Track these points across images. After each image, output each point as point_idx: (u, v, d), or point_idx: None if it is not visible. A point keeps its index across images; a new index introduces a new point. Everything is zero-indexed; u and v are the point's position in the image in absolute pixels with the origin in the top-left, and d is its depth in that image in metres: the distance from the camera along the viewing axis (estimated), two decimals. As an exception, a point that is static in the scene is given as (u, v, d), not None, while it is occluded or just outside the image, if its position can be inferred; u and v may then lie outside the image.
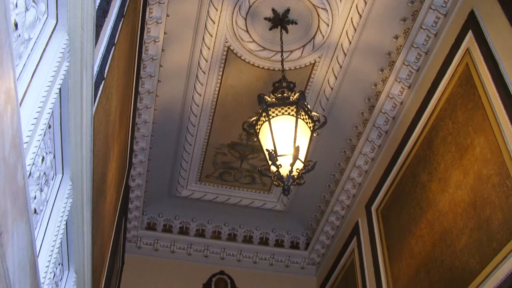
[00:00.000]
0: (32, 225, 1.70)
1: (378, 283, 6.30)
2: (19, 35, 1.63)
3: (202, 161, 7.98)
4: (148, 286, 8.45)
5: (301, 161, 5.07)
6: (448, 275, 4.84)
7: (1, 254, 1.37)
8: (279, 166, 4.96)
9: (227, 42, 6.40)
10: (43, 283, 2.21)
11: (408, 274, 5.65)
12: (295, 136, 5.12)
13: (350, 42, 6.28)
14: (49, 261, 2.28)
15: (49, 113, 1.94)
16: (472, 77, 4.84)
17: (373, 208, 6.76)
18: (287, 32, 6.16)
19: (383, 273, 6.26)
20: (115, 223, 5.99)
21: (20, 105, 1.66)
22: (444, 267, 4.94)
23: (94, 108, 2.84)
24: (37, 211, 2.15)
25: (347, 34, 6.22)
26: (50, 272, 2.37)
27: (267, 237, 9.08)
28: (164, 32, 6.14)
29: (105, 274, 5.51)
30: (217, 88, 6.93)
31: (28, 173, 1.83)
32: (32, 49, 1.85)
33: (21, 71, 1.71)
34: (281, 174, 4.94)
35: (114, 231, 5.93)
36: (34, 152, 1.86)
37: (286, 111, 5.27)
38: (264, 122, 5.35)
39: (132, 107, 6.06)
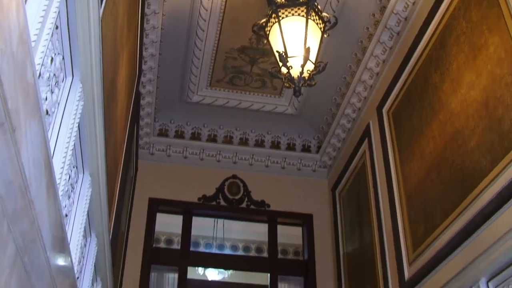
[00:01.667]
0: (45, 125, 1.70)
1: (389, 184, 6.37)
2: None
3: (212, 66, 7.93)
4: (162, 191, 8.61)
5: (312, 62, 5.03)
6: (459, 174, 4.88)
7: (16, 151, 1.38)
8: (290, 68, 4.92)
9: None
10: (59, 183, 2.24)
11: (419, 174, 5.70)
12: (306, 37, 5.05)
13: None
14: (63, 162, 2.31)
15: (55, 12, 1.91)
16: (487, -27, 4.70)
17: (384, 110, 6.74)
18: None
19: (394, 174, 6.32)
20: (127, 130, 6.03)
21: (26, 2, 1.63)
22: (455, 167, 4.97)
23: (101, 11, 2.79)
24: (49, 113, 2.15)
25: None
26: (65, 174, 2.41)
27: (278, 141, 9.14)
28: None
29: (120, 179, 5.60)
30: (226, -9, 6.79)
31: (38, 73, 1.82)
32: None
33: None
34: (292, 75, 4.91)
35: (126, 137, 5.98)
36: (43, 52, 1.84)
37: (296, 12, 5.17)
38: (273, 23, 5.27)
39: (140, 13, 5.97)
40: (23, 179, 1.50)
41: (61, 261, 2.19)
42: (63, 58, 2.32)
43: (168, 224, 9.26)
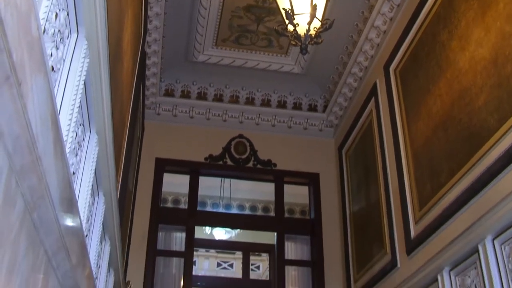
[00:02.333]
0: (50, 81, 1.69)
1: (396, 143, 6.36)
2: None
3: (218, 25, 7.86)
4: (168, 151, 8.63)
5: (319, 19, 4.98)
6: (465, 133, 4.86)
7: (22, 105, 1.37)
8: (296, 25, 4.87)
9: None
10: (66, 141, 2.24)
11: (425, 133, 5.68)
12: (312, -6, 4.98)
13: None
14: (70, 119, 2.30)
15: (59, -35, 1.88)
16: None
17: (391, 69, 6.69)
18: None
19: (401, 133, 6.30)
20: (133, 89, 6.01)
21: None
22: (462, 125, 4.95)
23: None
24: (54, 69, 2.14)
25: None
26: (72, 131, 2.40)
27: (285, 100, 9.12)
28: None
29: (126, 139, 5.60)
30: None
31: (42, 28, 1.81)
32: None
33: None
34: (299, 33, 4.87)
35: (132, 97, 5.96)
36: (47, 6, 1.82)
37: (303, -32, 5.09)
38: (280, -20, 5.20)
39: (145, -30, 5.90)
40: (30, 134, 1.50)
41: (69, 219, 2.20)
42: (67, 14, 2.29)
43: (175, 184, 9.31)
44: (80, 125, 2.82)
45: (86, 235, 3.21)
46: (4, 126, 1.40)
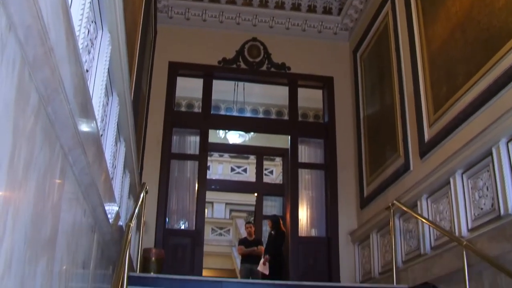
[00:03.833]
0: (60, -28, 1.64)
1: (412, 46, 6.26)
2: None
3: None
4: (181, 55, 8.57)
5: None
6: (484, 34, 4.76)
7: (31, -6, 1.34)
8: None
9: None
10: (78, 36, 2.20)
11: (442, 36, 5.58)
12: None
13: None
14: (81, 14, 2.26)
15: None
16: None
17: (409, -31, 6.49)
18: None
19: (417, 35, 6.19)
20: (145, -9, 5.89)
21: None
22: (481, 26, 4.84)
23: None
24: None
25: None
26: (84, 27, 2.36)
27: (299, 3, 8.93)
28: None
29: (139, 41, 5.54)
30: None
31: None
32: None
33: None
34: None
35: (144, 0, 5.85)
36: None
37: None
38: None
39: None
40: (42, 24, 1.47)
41: (84, 114, 2.20)
42: None
43: (189, 89, 9.30)
44: (92, 22, 2.77)
45: (101, 135, 3.23)
46: (15, 15, 1.37)
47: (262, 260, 8.78)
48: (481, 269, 4.28)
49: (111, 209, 3.54)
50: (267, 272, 8.63)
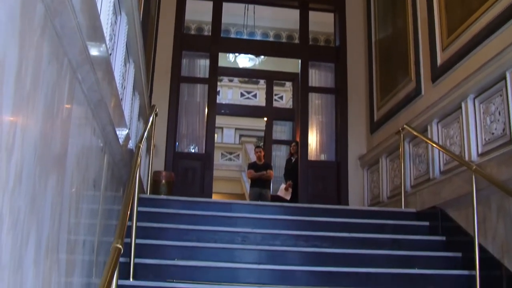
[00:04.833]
0: None
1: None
2: None
3: None
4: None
5: None
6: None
7: None
8: None
9: None
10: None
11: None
12: None
13: None
14: None
15: None
16: None
17: None
18: None
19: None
20: None
21: None
22: None
23: None
24: None
25: None
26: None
27: None
28: None
29: None
30: None
31: None
32: None
33: None
34: None
35: None
36: None
37: None
38: None
39: None
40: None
41: (91, 30, 2.16)
42: None
43: (198, 12, 9.16)
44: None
45: (110, 54, 3.19)
46: None
47: (284, 186, 8.85)
48: (489, 194, 4.29)
49: (121, 129, 3.54)
50: (288, 198, 8.73)
